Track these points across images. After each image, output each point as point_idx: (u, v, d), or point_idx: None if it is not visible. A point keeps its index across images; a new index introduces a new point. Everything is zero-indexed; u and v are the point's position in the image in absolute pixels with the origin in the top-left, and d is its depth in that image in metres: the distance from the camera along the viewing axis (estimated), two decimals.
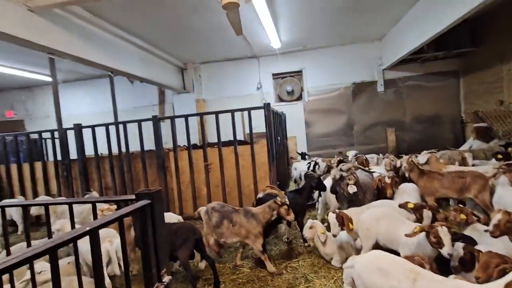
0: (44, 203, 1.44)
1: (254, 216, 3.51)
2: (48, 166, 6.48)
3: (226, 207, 3.73)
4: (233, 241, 3.57)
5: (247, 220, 3.49)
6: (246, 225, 3.47)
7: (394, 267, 2.09)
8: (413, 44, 6.95)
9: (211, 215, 3.61)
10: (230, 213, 3.59)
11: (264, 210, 3.55)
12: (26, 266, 3.08)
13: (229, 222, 3.52)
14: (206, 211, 3.72)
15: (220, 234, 3.55)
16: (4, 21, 3.98)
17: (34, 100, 11.42)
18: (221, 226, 3.53)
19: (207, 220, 3.67)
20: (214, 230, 3.59)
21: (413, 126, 9.46)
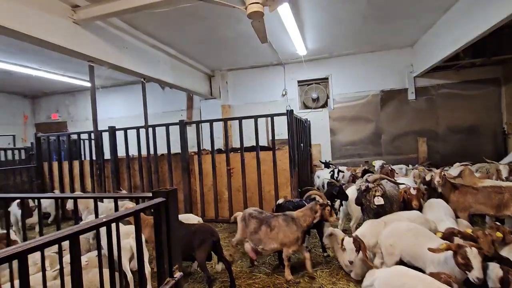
0: (74, 196, 1.58)
1: (294, 220, 3.41)
2: (84, 165, 6.99)
3: (265, 213, 3.68)
4: (271, 247, 3.45)
5: (286, 224, 3.39)
6: (285, 229, 3.37)
7: (417, 284, 1.97)
8: (448, 51, 6.61)
9: (249, 222, 3.57)
10: (268, 219, 3.52)
11: (305, 213, 3.44)
12: (57, 258, 3.32)
13: (267, 227, 3.44)
14: (243, 217, 3.67)
15: (258, 241, 3.46)
16: (52, 33, 4.44)
17: (76, 104, 12.42)
18: (259, 232, 3.46)
19: (243, 226, 3.62)
20: (251, 236, 3.53)
21: (447, 136, 8.91)
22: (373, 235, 3.17)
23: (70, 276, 2.79)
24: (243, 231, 3.61)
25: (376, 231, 3.18)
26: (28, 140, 11.59)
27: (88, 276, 2.99)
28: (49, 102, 12.74)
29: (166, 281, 1.38)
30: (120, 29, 5.97)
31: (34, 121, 12.86)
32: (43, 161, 7.32)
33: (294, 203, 4.48)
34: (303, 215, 3.44)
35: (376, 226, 3.26)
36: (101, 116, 6.75)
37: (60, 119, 12.49)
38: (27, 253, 0.78)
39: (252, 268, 3.84)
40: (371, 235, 3.18)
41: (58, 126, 12.32)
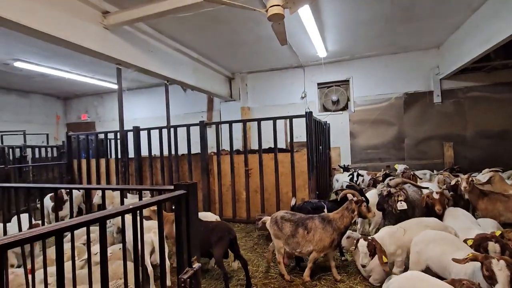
0: (102, 187, 1.70)
1: (331, 222, 3.31)
2: (110, 163, 7.34)
3: (298, 214, 3.52)
4: (308, 250, 3.32)
5: (323, 226, 3.29)
6: (321, 232, 3.27)
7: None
8: (477, 52, 6.31)
9: (282, 225, 3.41)
10: (304, 220, 3.39)
11: (343, 214, 3.33)
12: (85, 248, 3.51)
13: (304, 230, 3.31)
14: (274, 221, 3.49)
15: (296, 244, 3.33)
16: (83, 37, 4.74)
17: (104, 105, 13.07)
18: (297, 235, 3.32)
19: (277, 231, 3.44)
20: (287, 241, 3.38)
21: (476, 141, 8.47)
22: (392, 242, 3.00)
23: (96, 266, 2.95)
24: (278, 236, 3.45)
25: (395, 238, 3.03)
26: (59, 139, 12.35)
27: (112, 267, 3.15)
28: (79, 103, 13.50)
29: (186, 271, 1.44)
30: (146, 34, 6.25)
31: (66, 121, 13.68)
32: (73, 158, 7.77)
33: (312, 204, 4.45)
34: (340, 216, 3.33)
35: (395, 233, 3.09)
36: (127, 117, 7.07)
37: (89, 120, 13.19)
38: (62, 232, 0.87)
39: (268, 268, 3.85)
40: (390, 243, 3.01)
41: (87, 126, 13.02)
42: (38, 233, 0.85)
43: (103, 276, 1.12)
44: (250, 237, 5.16)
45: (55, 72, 8.94)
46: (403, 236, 3.01)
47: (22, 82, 10.39)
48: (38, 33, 4.19)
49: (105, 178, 7.27)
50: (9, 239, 0.79)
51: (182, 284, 1.38)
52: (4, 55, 7.61)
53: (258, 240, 4.97)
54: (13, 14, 3.79)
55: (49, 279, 2.27)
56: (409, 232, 3.05)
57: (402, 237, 3.00)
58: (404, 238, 2.99)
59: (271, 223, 3.51)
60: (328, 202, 4.66)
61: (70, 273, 1.89)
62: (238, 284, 3.47)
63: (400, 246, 2.96)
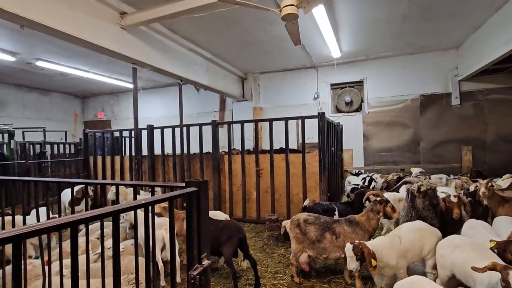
0: (116, 183, 1.74)
1: (359, 224, 3.22)
2: (124, 160, 7.51)
3: (322, 218, 3.39)
4: (335, 256, 3.21)
5: (352, 230, 3.18)
6: (352, 236, 3.14)
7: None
8: (499, 52, 6.07)
9: (306, 229, 3.29)
10: (330, 225, 3.27)
11: (369, 216, 3.25)
12: (99, 242, 3.61)
13: (332, 235, 3.19)
14: (296, 225, 3.36)
15: (322, 250, 3.20)
16: (102, 37, 4.88)
17: (119, 104, 13.40)
18: (323, 240, 3.19)
19: (299, 235, 3.32)
20: (312, 245, 3.26)
21: (497, 145, 8.14)
22: (392, 255, 2.72)
23: (109, 260, 3.02)
24: (300, 240, 3.31)
25: (394, 249, 2.75)
26: (77, 136, 12.75)
27: (124, 262, 3.22)
28: (96, 102, 13.90)
29: (195, 267, 1.45)
30: (161, 34, 6.36)
31: (83, 119, 14.12)
32: (89, 155, 8.00)
33: (324, 206, 4.41)
34: (366, 219, 3.25)
35: (392, 243, 2.79)
36: (141, 115, 7.21)
37: (105, 118, 13.55)
38: (77, 224, 0.90)
39: (277, 269, 3.84)
40: (390, 256, 2.73)
41: (103, 124, 13.38)
42: (54, 224, 0.88)
43: (115, 269, 1.15)
44: (260, 237, 5.16)
45: (74, 71, 9.25)
46: (400, 245, 2.80)
47: (43, 80, 10.81)
48: (60, 33, 4.34)
49: (119, 175, 7.44)
50: (28, 229, 0.82)
51: (191, 280, 1.39)
52: (28, 55, 7.93)
53: (267, 240, 4.96)
54: (37, 15, 3.96)
55: (65, 270, 2.35)
56: (404, 240, 2.85)
57: (400, 245, 2.79)
58: (401, 246, 2.79)
59: (293, 226, 3.39)
60: (340, 204, 4.61)
61: (84, 265, 1.95)
62: (247, 284, 3.47)
63: (400, 257, 2.75)
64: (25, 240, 1.89)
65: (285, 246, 4.62)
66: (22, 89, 11.70)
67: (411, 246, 2.83)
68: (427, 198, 3.27)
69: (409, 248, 2.81)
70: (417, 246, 2.86)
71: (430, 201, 3.27)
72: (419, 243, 2.88)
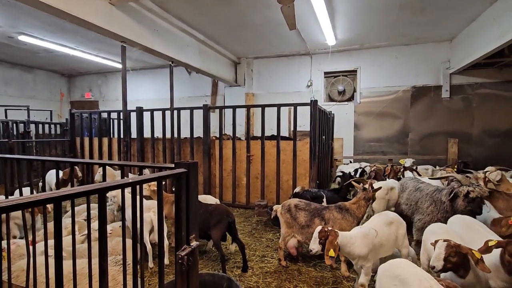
0: (103, 163, 1.69)
1: (349, 211, 3.27)
2: (112, 142, 7.36)
3: (312, 204, 3.46)
4: None
5: (342, 216, 3.23)
6: (341, 222, 3.21)
7: (413, 279, 1.92)
8: (491, 46, 6.13)
9: (297, 214, 3.35)
10: (320, 211, 3.32)
11: (360, 204, 3.30)
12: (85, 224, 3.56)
13: (321, 220, 3.24)
14: (287, 209, 3.42)
15: (311, 235, 3.19)
16: (89, 12, 4.64)
17: (107, 84, 13.00)
18: (312, 225, 3.25)
19: (289, 219, 3.38)
20: (301, 230, 3.32)
21: (482, 139, 8.37)
22: (364, 244, 2.64)
23: (96, 242, 3.00)
24: (290, 225, 3.37)
25: (368, 240, 2.67)
26: (63, 117, 12.37)
27: (111, 243, 3.21)
28: (83, 82, 13.43)
29: (183, 248, 1.44)
30: (152, 12, 6.11)
31: (69, 99, 13.66)
32: (76, 136, 7.80)
33: (312, 193, 4.47)
34: (358, 206, 3.30)
35: (368, 235, 2.71)
36: (130, 97, 7.01)
37: (92, 98, 13.15)
38: (61, 199, 0.86)
39: (265, 253, 3.91)
40: (362, 245, 2.64)
41: (90, 104, 13.00)
42: (37, 199, 0.84)
43: (101, 248, 1.12)
44: (249, 222, 5.22)
45: (59, 48, 8.84)
46: (375, 238, 2.70)
47: (27, 56, 10.31)
48: (44, 5, 4.10)
49: (107, 157, 7.31)
50: (8, 203, 0.78)
51: (179, 261, 1.39)
52: (9, 28, 7.50)
53: (256, 225, 5.02)
54: None
55: (50, 251, 2.32)
56: (380, 233, 2.77)
57: (374, 239, 2.69)
58: (376, 240, 2.69)
59: (283, 211, 3.44)
60: (328, 191, 4.69)
61: (71, 246, 1.92)
62: (235, 266, 3.53)
63: (372, 249, 2.66)
64: (7, 214, 1.84)
65: (273, 231, 4.70)
66: (3, 65, 11.14)
67: (386, 241, 2.78)
68: (473, 204, 3.18)
69: (384, 242, 2.76)
70: (392, 240, 2.85)
71: (474, 208, 3.18)
72: (394, 236, 2.87)
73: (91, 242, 1.83)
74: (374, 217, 3.08)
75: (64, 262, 1.42)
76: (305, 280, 3.24)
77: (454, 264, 2.12)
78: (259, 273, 3.38)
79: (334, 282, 3.20)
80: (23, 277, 2.35)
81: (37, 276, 2.03)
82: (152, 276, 3.29)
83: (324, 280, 3.23)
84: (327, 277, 3.30)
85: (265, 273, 3.38)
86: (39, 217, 3.82)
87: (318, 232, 2.57)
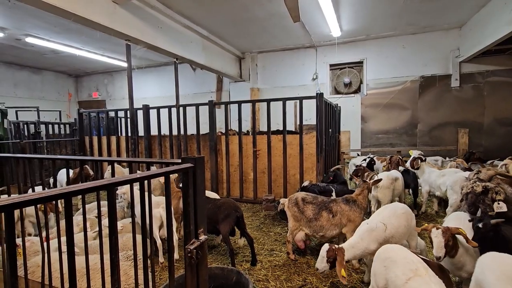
0: (111, 159, 1.71)
1: (356, 202, 3.29)
2: (120, 140, 7.46)
3: (319, 197, 3.48)
4: (332, 234, 3.28)
5: (349, 208, 3.26)
6: (349, 213, 3.23)
7: (401, 261, 2.00)
8: (502, 32, 5.93)
9: (304, 208, 3.37)
10: (327, 204, 3.34)
11: (364, 194, 3.35)
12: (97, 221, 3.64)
13: (329, 213, 3.27)
14: (294, 203, 3.43)
15: (320, 228, 3.27)
16: (93, 11, 4.67)
17: (114, 83, 13.12)
18: (320, 218, 3.27)
19: (296, 213, 3.39)
20: (309, 223, 3.33)
21: (493, 129, 8.17)
22: (373, 239, 2.60)
23: (107, 238, 3.06)
24: (298, 218, 3.38)
25: (377, 235, 2.63)
26: (72, 116, 12.56)
27: (122, 239, 3.26)
28: (90, 81, 13.59)
29: (192, 242, 1.46)
30: (155, 9, 6.11)
31: (77, 99, 13.86)
32: (85, 135, 7.92)
33: (320, 187, 4.45)
34: (363, 197, 3.34)
35: (376, 229, 2.65)
36: (136, 95, 7.06)
37: (99, 98, 13.31)
38: (71, 195, 0.87)
39: (273, 247, 3.93)
40: (370, 240, 2.61)
41: (98, 104, 13.16)
42: (48, 194, 0.86)
43: (111, 243, 1.14)
44: (257, 216, 5.24)
45: (65, 48, 8.95)
46: (385, 232, 2.63)
47: (34, 58, 10.47)
48: (49, 6, 4.14)
49: (116, 155, 7.41)
50: (21, 199, 0.80)
51: (188, 254, 1.40)
52: (16, 30, 7.62)
53: (264, 220, 5.04)
54: None
55: (63, 247, 2.37)
56: (389, 227, 2.69)
57: (384, 233, 2.62)
58: (385, 233, 2.63)
59: (291, 204, 3.45)
60: (337, 185, 4.66)
61: (83, 243, 1.97)
62: (244, 260, 3.56)
63: (382, 243, 2.56)
64: (21, 211, 1.89)
65: (281, 225, 4.71)
66: (12, 67, 11.34)
67: (396, 233, 2.71)
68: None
69: (394, 234, 2.69)
70: (401, 232, 2.76)
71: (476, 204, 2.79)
72: (403, 228, 2.76)
73: (102, 238, 1.86)
74: (382, 209, 3.04)
75: (77, 258, 1.45)
76: (314, 273, 3.24)
77: (451, 247, 2.26)
78: (268, 267, 3.40)
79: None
80: (38, 272, 2.41)
81: (52, 271, 2.08)
82: (162, 271, 3.35)
83: (333, 273, 3.21)
84: (335, 270, 3.29)
85: (274, 267, 3.40)
86: (51, 215, 3.91)
87: (326, 251, 2.52)
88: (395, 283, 1.92)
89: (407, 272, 1.89)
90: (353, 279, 3.08)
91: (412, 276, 1.85)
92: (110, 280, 1.30)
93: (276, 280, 3.11)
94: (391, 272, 1.99)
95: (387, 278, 2.01)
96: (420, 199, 5.25)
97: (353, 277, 3.12)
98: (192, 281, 1.48)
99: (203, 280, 1.54)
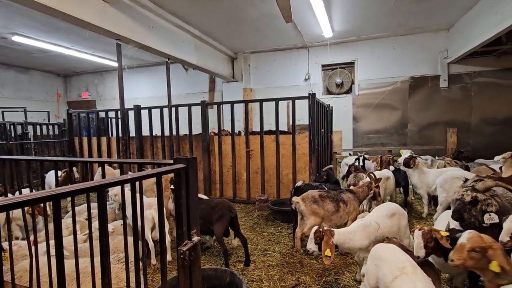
0: (101, 160, 1.68)
1: (355, 194, 3.61)
2: (111, 141, 7.34)
3: (330, 192, 3.61)
4: (344, 221, 3.49)
5: (353, 197, 3.56)
6: (353, 202, 3.54)
7: (390, 259, 2.03)
8: (488, 34, 6.09)
9: (323, 203, 3.44)
10: (339, 195, 3.57)
11: (363, 189, 3.67)
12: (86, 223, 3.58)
13: (343, 203, 3.50)
14: (313, 201, 3.44)
15: (339, 218, 3.45)
16: (83, 10, 4.59)
17: (104, 83, 12.92)
18: (340, 209, 3.46)
19: (317, 209, 3.41)
20: (330, 217, 3.43)
21: (480, 128, 8.37)
22: (364, 236, 2.66)
23: (97, 241, 3.01)
24: (319, 214, 3.42)
25: (369, 232, 2.68)
26: (61, 117, 12.31)
27: (113, 241, 3.21)
28: (80, 81, 13.34)
29: (185, 243, 1.44)
30: (146, 8, 6.04)
31: (66, 99, 13.59)
32: (74, 136, 7.77)
33: (314, 187, 4.46)
34: (362, 191, 3.64)
35: (369, 227, 2.70)
36: (127, 96, 6.98)
37: (89, 98, 13.08)
38: (60, 197, 0.85)
39: (267, 247, 3.93)
40: (362, 236, 2.66)
41: (88, 104, 12.93)
42: (37, 197, 0.83)
43: (102, 246, 1.12)
44: (250, 217, 5.23)
45: (54, 47, 8.76)
46: (377, 231, 2.68)
47: (21, 57, 10.22)
48: (37, 4, 4.05)
49: (106, 156, 7.30)
50: (8, 201, 0.77)
51: (181, 256, 1.39)
52: (2, 29, 7.43)
53: (257, 220, 5.04)
54: None
55: (51, 250, 2.32)
56: (382, 226, 2.75)
57: (376, 232, 2.68)
58: (377, 233, 2.69)
59: (310, 202, 3.46)
60: (330, 184, 4.69)
61: (73, 246, 1.92)
62: (237, 261, 3.55)
63: (373, 242, 2.62)
64: (8, 214, 1.84)
65: (274, 225, 4.72)
66: None
67: (389, 233, 2.76)
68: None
69: (386, 234, 2.73)
70: (394, 231, 2.82)
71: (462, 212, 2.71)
72: (396, 227, 2.85)
73: (92, 241, 1.83)
74: (375, 209, 3.09)
75: (67, 261, 1.42)
76: (307, 272, 3.26)
77: (433, 248, 2.24)
78: (262, 267, 3.40)
79: (336, 273, 3.22)
80: (26, 277, 2.35)
81: (41, 276, 2.03)
82: (155, 273, 3.31)
83: (326, 272, 3.25)
84: (329, 268, 3.32)
85: (267, 267, 3.40)
86: (40, 218, 3.82)
87: (314, 232, 2.55)
88: (383, 281, 1.97)
89: (394, 270, 1.92)
90: (346, 278, 3.11)
91: (399, 274, 1.88)
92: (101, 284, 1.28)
93: (269, 280, 3.11)
94: (380, 271, 2.02)
95: (378, 276, 2.05)
96: (410, 198, 5.32)
97: (346, 275, 3.15)
98: (185, 282, 1.47)
99: (196, 282, 1.53)
